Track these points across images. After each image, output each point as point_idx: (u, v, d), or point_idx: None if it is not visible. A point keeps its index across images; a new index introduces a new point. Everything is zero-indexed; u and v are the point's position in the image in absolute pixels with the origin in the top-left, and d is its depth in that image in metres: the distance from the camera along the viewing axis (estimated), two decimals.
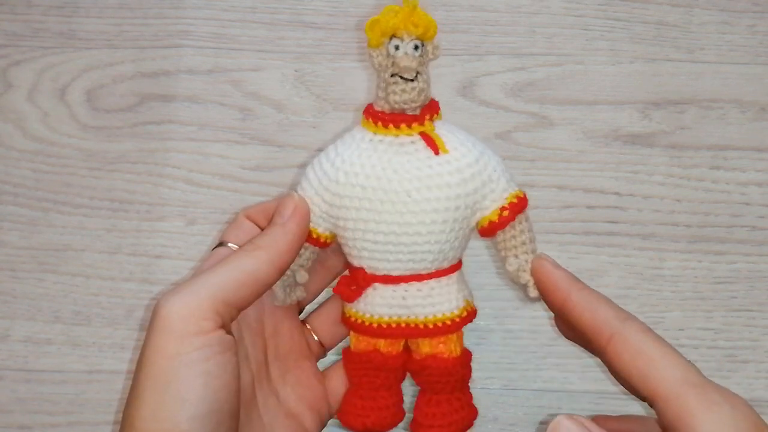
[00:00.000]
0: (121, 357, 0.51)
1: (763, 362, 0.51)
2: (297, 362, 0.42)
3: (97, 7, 0.56)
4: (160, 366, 0.33)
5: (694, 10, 0.56)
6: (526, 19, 0.56)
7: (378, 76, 0.36)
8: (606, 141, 0.54)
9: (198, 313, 0.34)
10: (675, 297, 0.52)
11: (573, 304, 0.34)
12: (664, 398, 0.30)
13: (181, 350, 0.33)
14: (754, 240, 0.52)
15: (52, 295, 0.52)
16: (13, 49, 0.56)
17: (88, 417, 0.50)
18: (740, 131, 0.54)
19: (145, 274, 0.52)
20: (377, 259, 0.37)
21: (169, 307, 0.34)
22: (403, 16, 0.35)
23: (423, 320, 0.38)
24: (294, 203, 0.38)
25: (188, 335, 0.33)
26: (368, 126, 0.37)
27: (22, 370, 0.51)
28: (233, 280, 0.35)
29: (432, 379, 0.39)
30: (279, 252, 0.36)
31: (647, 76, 0.55)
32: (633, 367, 0.31)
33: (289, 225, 0.37)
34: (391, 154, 0.36)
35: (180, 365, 0.33)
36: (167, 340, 0.33)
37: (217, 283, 0.35)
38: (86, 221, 0.53)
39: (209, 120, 0.54)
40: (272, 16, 0.56)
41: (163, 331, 0.33)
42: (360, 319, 0.39)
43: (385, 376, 0.39)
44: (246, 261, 0.36)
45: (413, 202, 0.35)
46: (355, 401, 0.40)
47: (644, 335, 0.32)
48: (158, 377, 0.33)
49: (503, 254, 0.38)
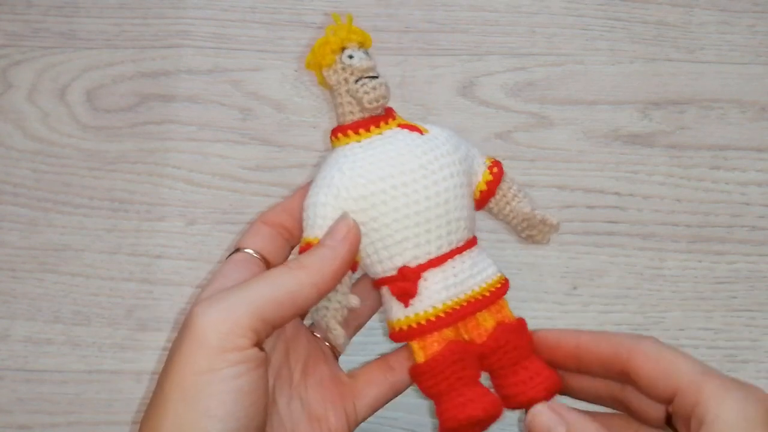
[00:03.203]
0: (121, 357, 0.51)
1: (763, 362, 0.51)
2: (317, 364, 0.40)
3: (97, 7, 0.56)
4: (190, 379, 0.32)
5: (694, 10, 0.56)
6: (526, 19, 0.56)
7: (337, 95, 0.38)
8: (606, 141, 0.54)
9: (236, 329, 0.33)
10: (675, 297, 0.52)
11: (586, 341, 0.37)
12: (685, 388, 0.33)
13: (215, 366, 0.32)
14: (754, 240, 0.52)
15: (52, 295, 0.52)
16: (13, 49, 0.56)
17: (88, 417, 0.50)
18: (740, 131, 0.54)
19: (145, 274, 0.52)
20: (420, 245, 0.37)
21: (206, 320, 0.33)
22: (345, 29, 0.38)
23: (479, 290, 0.38)
24: (348, 227, 0.36)
25: (224, 351, 0.32)
26: (345, 140, 0.38)
27: (22, 370, 0.51)
28: (273, 298, 0.34)
29: (509, 347, 0.38)
30: (324, 274, 0.35)
31: (647, 76, 0.55)
32: (655, 369, 0.34)
33: (340, 249, 0.36)
34: (387, 146, 0.37)
35: (212, 380, 0.32)
36: (201, 354, 0.32)
37: (257, 299, 0.34)
38: (86, 221, 0.53)
39: (209, 120, 0.54)
40: (272, 16, 0.56)
41: (197, 344, 0.32)
42: (421, 320, 0.38)
43: (471, 362, 0.38)
44: (288, 280, 0.35)
45: (431, 172, 0.37)
46: (456, 402, 0.38)
47: (660, 345, 0.35)
48: (187, 390, 0.32)
49: (508, 208, 0.40)
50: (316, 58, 0.38)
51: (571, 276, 0.52)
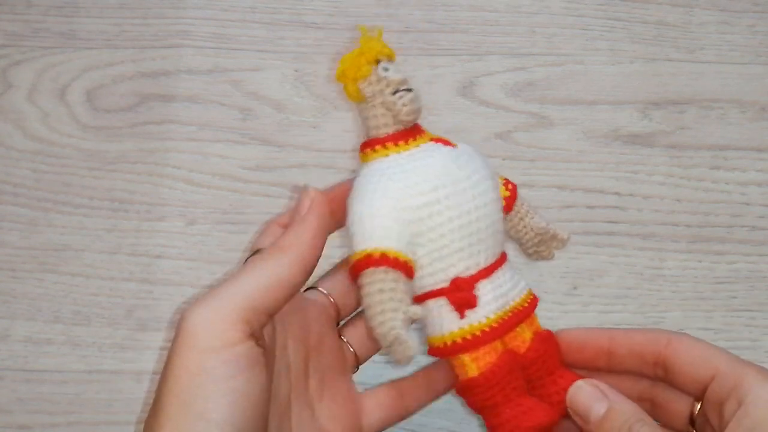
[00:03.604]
0: (121, 357, 0.51)
1: (763, 362, 0.50)
2: (335, 378, 0.39)
3: (97, 7, 0.56)
4: (183, 382, 0.31)
5: (694, 10, 0.56)
6: (526, 19, 0.56)
7: (371, 107, 0.37)
8: (606, 141, 0.54)
9: (223, 323, 0.32)
10: (675, 297, 0.52)
11: (620, 336, 0.38)
12: (724, 372, 0.34)
13: (206, 365, 0.31)
14: (754, 240, 0.52)
15: (52, 295, 0.52)
16: (13, 49, 0.56)
17: (88, 417, 0.50)
18: (740, 131, 0.54)
19: (145, 274, 0.52)
20: (473, 255, 0.37)
21: (193, 319, 0.32)
22: (378, 42, 0.37)
23: (520, 300, 0.38)
24: (309, 197, 0.36)
25: (213, 349, 0.31)
26: (384, 152, 0.37)
27: (22, 370, 0.51)
28: (259, 285, 0.33)
29: (547, 356, 0.38)
30: (302, 249, 0.35)
31: (647, 76, 0.55)
32: (694, 355, 0.35)
33: (309, 219, 0.35)
34: (429, 158, 0.37)
35: (205, 382, 0.31)
36: (190, 354, 0.31)
37: (242, 290, 0.33)
38: (86, 221, 0.53)
39: (209, 120, 0.54)
40: (272, 16, 0.56)
41: (186, 345, 0.32)
42: (476, 330, 0.37)
43: (520, 373, 0.38)
44: (270, 263, 0.34)
45: (476, 183, 0.37)
46: (516, 412, 0.37)
47: (694, 337, 0.37)
48: (180, 394, 0.31)
49: (521, 224, 0.40)
50: (351, 70, 0.37)
51: (571, 276, 0.52)
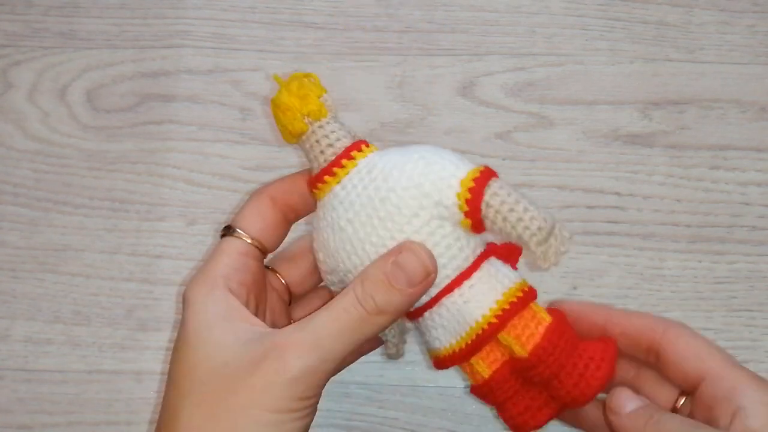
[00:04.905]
0: (121, 357, 0.51)
1: (763, 362, 0.51)
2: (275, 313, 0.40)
3: (97, 7, 0.56)
4: (268, 415, 0.32)
5: (694, 10, 0.56)
6: (526, 19, 0.56)
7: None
8: (606, 141, 0.54)
9: (318, 382, 0.33)
10: (675, 297, 0.52)
11: (617, 315, 0.37)
12: (717, 375, 0.33)
13: (294, 407, 0.32)
14: (754, 240, 0.52)
15: (52, 295, 0.52)
16: (13, 49, 0.56)
17: (88, 417, 0.50)
18: (740, 131, 0.54)
19: (145, 274, 0.52)
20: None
21: (297, 356, 0.32)
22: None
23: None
24: (427, 270, 0.34)
25: (305, 394, 0.32)
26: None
27: (22, 370, 0.51)
28: (352, 343, 0.33)
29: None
30: (398, 315, 0.34)
31: (647, 76, 0.55)
32: (689, 350, 0.35)
33: (417, 293, 0.34)
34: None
35: (287, 421, 0.32)
36: (285, 392, 0.32)
37: (339, 350, 0.33)
38: (86, 221, 0.53)
39: (209, 120, 0.54)
40: (272, 16, 0.56)
41: (283, 381, 0.32)
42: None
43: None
44: (367, 327, 0.33)
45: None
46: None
47: (693, 331, 0.36)
48: (260, 426, 0.32)
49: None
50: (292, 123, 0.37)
51: (571, 276, 0.52)
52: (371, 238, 0.35)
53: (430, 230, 0.35)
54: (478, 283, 0.36)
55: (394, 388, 0.50)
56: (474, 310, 0.35)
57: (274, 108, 0.37)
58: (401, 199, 0.34)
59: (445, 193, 0.34)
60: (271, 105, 0.37)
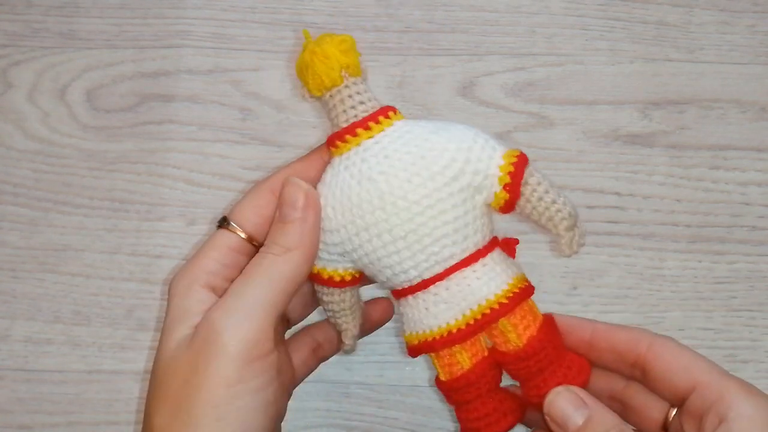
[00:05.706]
0: (121, 357, 0.51)
1: (763, 362, 0.51)
2: None
3: (97, 7, 0.56)
4: (221, 394, 0.32)
5: (694, 10, 0.56)
6: (526, 19, 0.56)
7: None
8: (606, 141, 0.54)
9: (261, 335, 0.32)
10: (675, 297, 0.52)
11: (602, 330, 0.37)
12: (706, 384, 0.33)
13: (245, 377, 0.32)
14: (754, 240, 0.52)
15: (52, 295, 0.52)
16: (13, 49, 0.56)
17: (88, 417, 0.50)
18: (740, 131, 0.54)
19: (145, 274, 0.52)
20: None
21: (231, 331, 0.32)
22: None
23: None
24: (302, 191, 0.35)
25: (250, 361, 0.32)
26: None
27: (22, 370, 0.51)
28: (280, 290, 0.33)
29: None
30: (310, 248, 0.35)
31: (647, 76, 0.55)
32: (675, 363, 0.34)
33: (309, 215, 0.35)
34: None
35: (242, 393, 0.32)
36: (228, 367, 0.32)
37: (269, 298, 0.33)
38: (86, 221, 0.53)
39: (209, 120, 0.54)
40: (272, 16, 0.56)
41: (223, 357, 0.32)
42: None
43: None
44: (284, 266, 0.34)
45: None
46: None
47: (678, 343, 0.35)
48: (219, 406, 0.31)
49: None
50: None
51: (571, 276, 0.52)
52: (407, 195, 0.35)
53: (463, 198, 0.35)
54: (491, 263, 0.36)
55: (394, 388, 0.50)
56: (484, 287, 0.36)
57: (309, 55, 0.36)
58: (444, 159, 0.35)
59: (489, 162, 0.35)
60: (306, 52, 0.36)
